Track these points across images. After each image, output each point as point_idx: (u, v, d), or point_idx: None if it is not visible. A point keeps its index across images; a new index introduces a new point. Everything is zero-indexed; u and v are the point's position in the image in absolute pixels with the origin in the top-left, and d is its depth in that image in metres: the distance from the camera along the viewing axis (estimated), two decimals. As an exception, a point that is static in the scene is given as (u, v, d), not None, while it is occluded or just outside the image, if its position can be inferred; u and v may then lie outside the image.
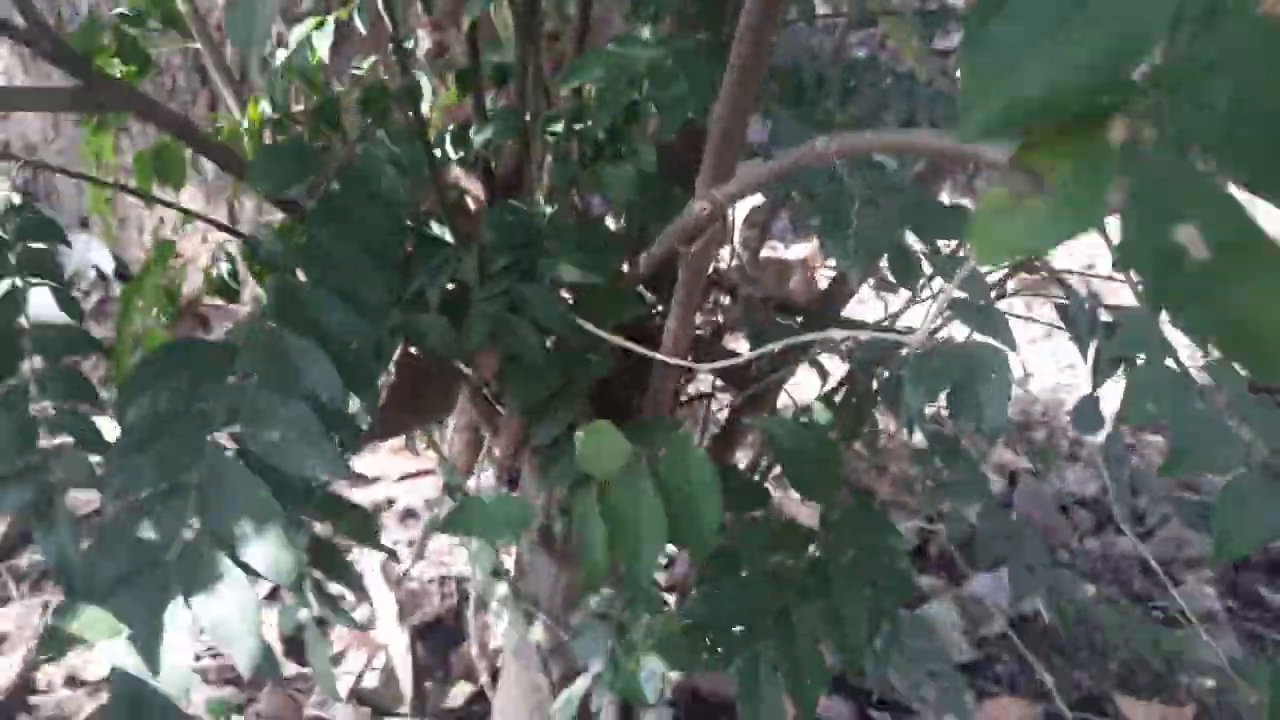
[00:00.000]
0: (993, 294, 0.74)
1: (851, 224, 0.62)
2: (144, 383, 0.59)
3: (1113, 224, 0.27)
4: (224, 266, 0.88)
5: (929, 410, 0.71)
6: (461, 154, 0.93)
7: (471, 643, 1.52)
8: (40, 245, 0.77)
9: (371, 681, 1.53)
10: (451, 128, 0.95)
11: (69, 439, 0.70)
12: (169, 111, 0.83)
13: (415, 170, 0.71)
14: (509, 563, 1.31)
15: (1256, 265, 0.25)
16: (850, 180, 0.65)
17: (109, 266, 1.26)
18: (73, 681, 1.54)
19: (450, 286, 0.82)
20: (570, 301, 0.81)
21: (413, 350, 0.92)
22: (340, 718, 1.47)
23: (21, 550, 1.77)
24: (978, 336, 0.59)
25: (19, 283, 0.75)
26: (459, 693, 1.52)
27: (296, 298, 0.63)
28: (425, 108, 0.92)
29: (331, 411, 0.59)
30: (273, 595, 1.67)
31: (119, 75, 0.89)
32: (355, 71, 0.92)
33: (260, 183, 0.69)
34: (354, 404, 0.65)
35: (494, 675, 1.51)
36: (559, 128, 0.86)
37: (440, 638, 1.64)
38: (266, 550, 0.54)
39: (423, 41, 0.96)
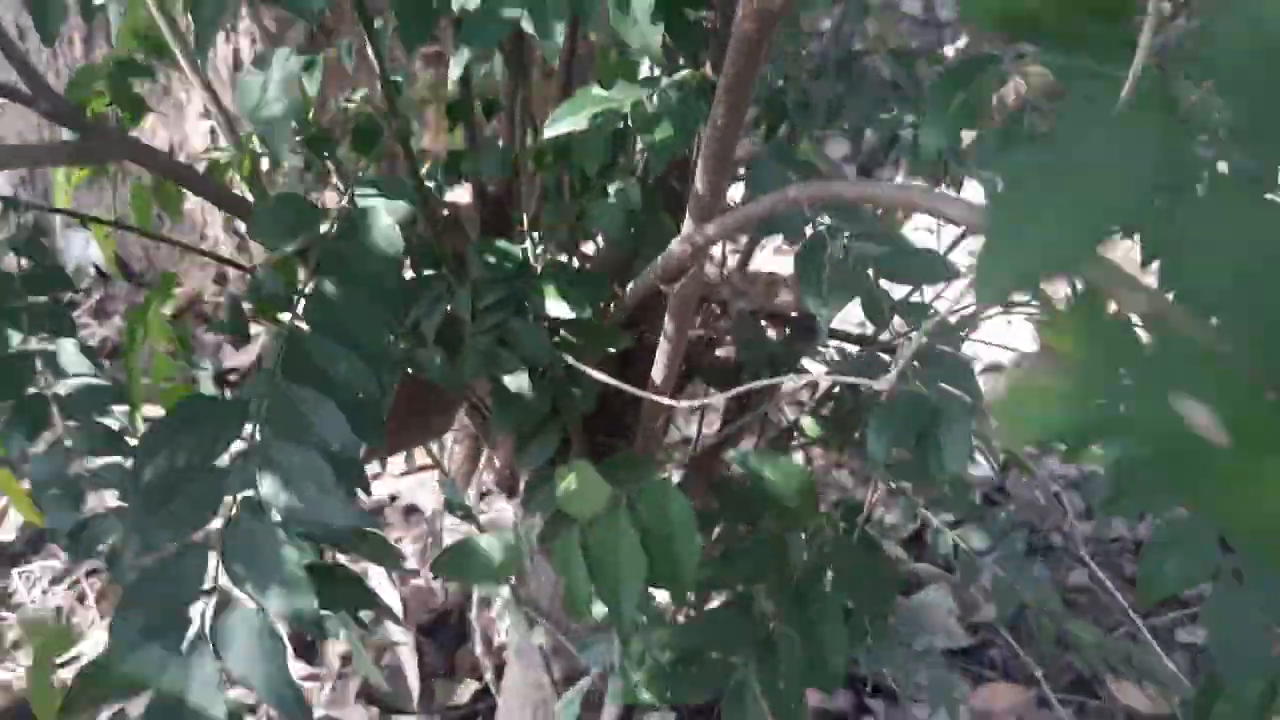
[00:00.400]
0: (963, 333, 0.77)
1: (825, 268, 0.65)
2: (161, 441, 0.63)
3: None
4: (225, 309, 0.91)
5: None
6: (454, 182, 0.96)
7: (476, 641, 1.56)
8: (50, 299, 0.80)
9: (379, 680, 1.57)
10: (445, 158, 0.98)
11: (113, 493, 0.74)
12: (168, 159, 0.86)
13: (408, 218, 0.74)
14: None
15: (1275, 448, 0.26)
16: (831, 223, 0.68)
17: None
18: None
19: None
20: (559, 334, 0.84)
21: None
22: (350, 717, 1.51)
23: (33, 556, 1.80)
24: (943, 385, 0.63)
25: (34, 341, 0.79)
26: (465, 690, 1.56)
27: (304, 351, 0.66)
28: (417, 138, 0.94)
29: (343, 460, 0.63)
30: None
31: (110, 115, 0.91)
32: (348, 104, 0.95)
33: (263, 237, 0.72)
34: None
35: (499, 672, 1.55)
36: (548, 158, 0.89)
37: (445, 634, 1.68)
38: (288, 600, 0.58)
39: (418, 75, 0.98)
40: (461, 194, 1.08)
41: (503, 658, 1.57)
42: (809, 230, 0.68)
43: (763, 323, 1.13)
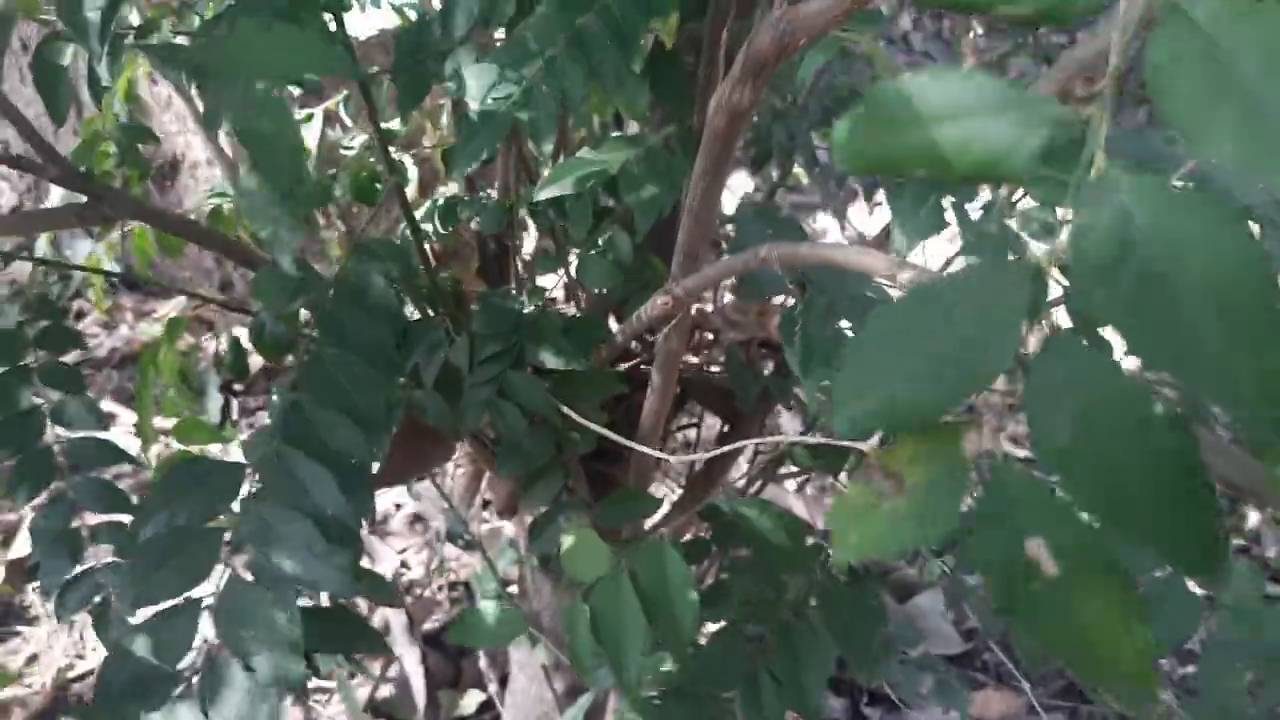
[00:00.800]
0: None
1: (797, 324, 0.68)
2: (161, 502, 0.66)
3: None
4: (225, 349, 0.94)
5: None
6: (449, 228, 0.99)
7: (480, 653, 1.60)
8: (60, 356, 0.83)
9: (386, 692, 1.61)
10: (441, 202, 1.01)
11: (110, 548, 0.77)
12: (174, 216, 0.89)
13: (404, 276, 0.76)
14: (513, 587, 1.38)
15: (1101, 585, 0.30)
16: (812, 282, 0.71)
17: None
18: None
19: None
20: (556, 380, 0.87)
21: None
22: (357, 729, 1.54)
23: (47, 570, 1.84)
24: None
25: (41, 397, 0.82)
26: (470, 700, 1.60)
27: (303, 419, 0.68)
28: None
29: (336, 526, 0.65)
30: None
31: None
32: (345, 150, 0.97)
33: (264, 298, 0.75)
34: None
35: (503, 681, 1.59)
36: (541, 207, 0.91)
37: (449, 644, 1.72)
38: (277, 664, 0.61)
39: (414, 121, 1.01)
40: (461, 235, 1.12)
41: (506, 668, 1.61)
42: (792, 288, 0.71)
43: (760, 350, 1.16)
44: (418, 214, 1.00)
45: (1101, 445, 0.29)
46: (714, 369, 1.23)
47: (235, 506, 0.65)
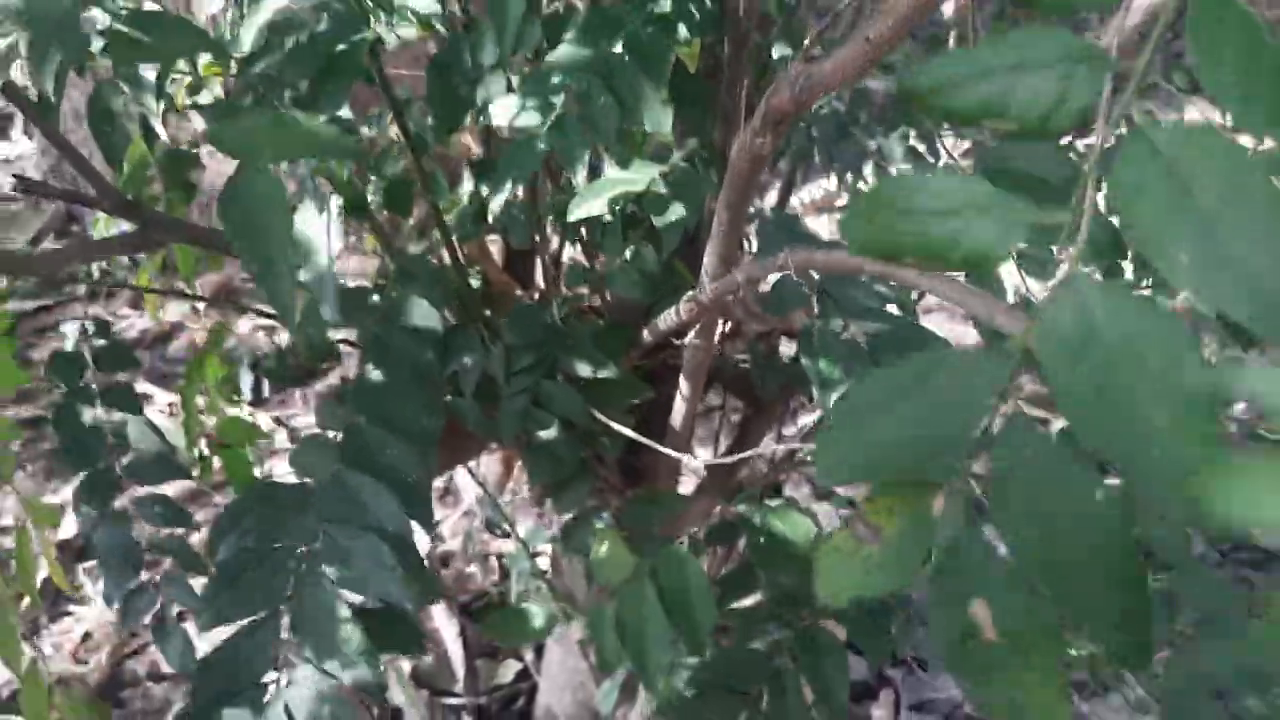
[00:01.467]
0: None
1: (815, 338, 0.72)
2: (233, 522, 0.70)
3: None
4: (273, 357, 0.99)
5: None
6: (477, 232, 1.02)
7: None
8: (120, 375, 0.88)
9: (426, 663, 1.68)
10: (470, 207, 1.04)
11: (170, 560, 0.82)
12: (219, 235, 0.93)
13: (445, 303, 0.80)
14: (545, 562, 1.43)
15: (1036, 652, 0.34)
16: (831, 295, 0.75)
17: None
18: (157, 676, 1.69)
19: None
20: (584, 385, 0.91)
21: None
22: (399, 699, 1.61)
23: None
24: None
25: (101, 414, 0.86)
26: (507, 670, 1.66)
27: (360, 440, 0.73)
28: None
29: (397, 539, 0.70)
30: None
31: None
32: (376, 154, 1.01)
33: (310, 325, 0.79)
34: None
35: (538, 651, 1.65)
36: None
37: (485, 614, 1.78)
38: (352, 672, 0.66)
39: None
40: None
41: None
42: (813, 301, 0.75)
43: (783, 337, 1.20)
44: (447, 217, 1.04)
45: (1048, 522, 0.33)
46: (737, 355, 1.27)
47: (303, 528, 0.70)
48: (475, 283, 1.15)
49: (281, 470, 2.03)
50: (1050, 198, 0.49)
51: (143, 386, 2.34)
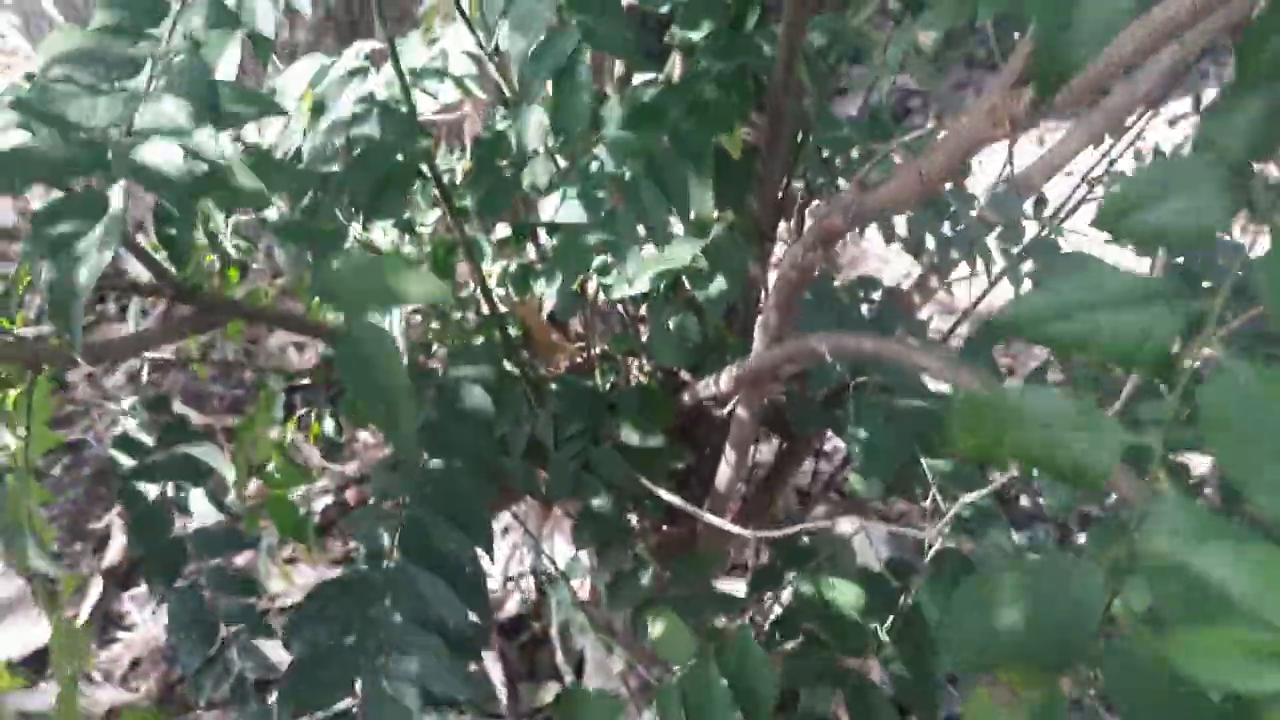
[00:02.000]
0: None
1: (851, 419, 0.75)
2: (305, 620, 0.73)
3: None
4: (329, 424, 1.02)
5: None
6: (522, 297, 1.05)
7: (556, 647, 1.69)
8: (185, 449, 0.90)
9: (469, 685, 1.71)
10: (513, 268, 1.07)
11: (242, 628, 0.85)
12: (273, 312, 0.95)
13: (501, 389, 0.83)
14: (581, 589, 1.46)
15: None
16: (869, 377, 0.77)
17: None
18: (208, 703, 1.73)
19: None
20: (630, 450, 0.93)
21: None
22: (445, 722, 1.65)
23: (141, 578, 1.94)
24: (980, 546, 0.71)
25: (169, 488, 0.89)
26: (548, 692, 1.69)
27: (419, 531, 0.76)
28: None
29: (458, 634, 0.73)
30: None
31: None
32: (422, 228, 1.03)
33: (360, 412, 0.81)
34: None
35: (578, 670, 1.68)
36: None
37: (523, 635, 1.81)
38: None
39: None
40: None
41: (580, 656, 1.70)
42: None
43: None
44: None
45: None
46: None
47: (371, 625, 0.72)
48: (515, 330, 1.17)
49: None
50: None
51: (179, 407, 2.37)
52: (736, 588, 1.04)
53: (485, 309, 0.96)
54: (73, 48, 0.56)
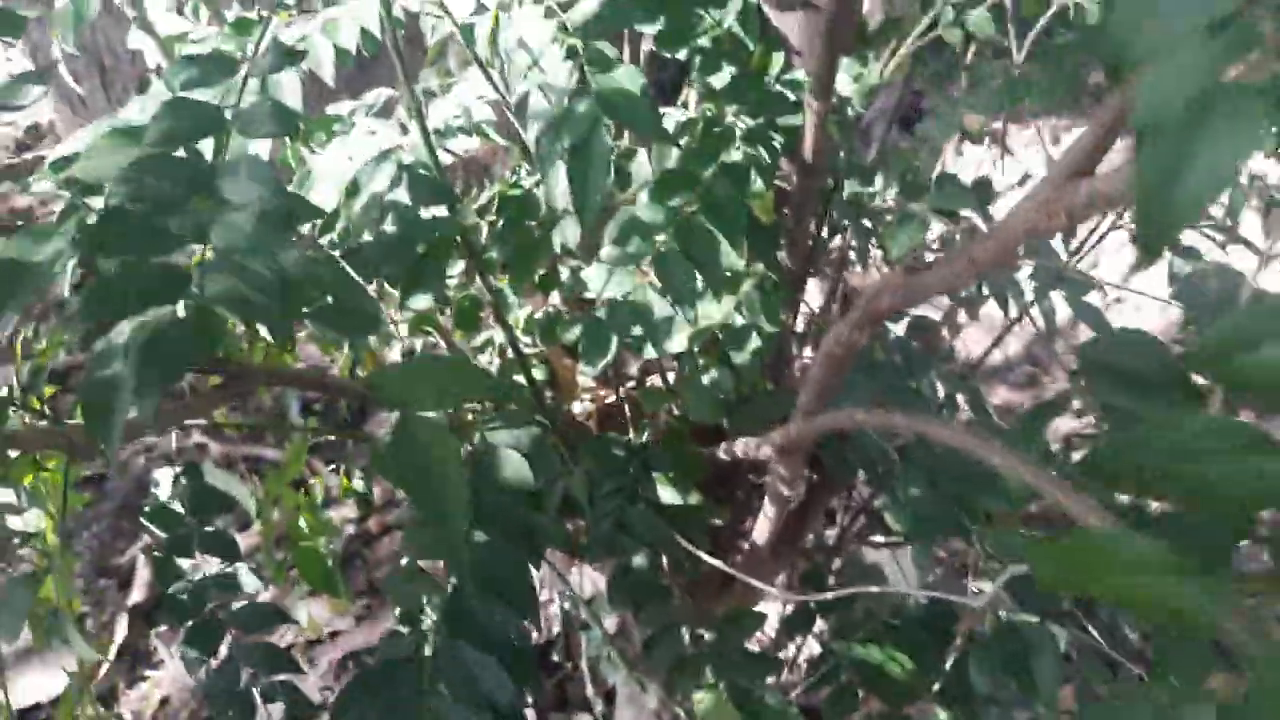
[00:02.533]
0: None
1: (903, 499, 0.74)
2: (350, 702, 0.73)
3: None
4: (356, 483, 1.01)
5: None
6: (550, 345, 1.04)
7: (586, 679, 1.68)
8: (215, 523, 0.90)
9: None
10: (540, 316, 1.06)
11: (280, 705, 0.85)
12: (303, 374, 0.95)
13: (536, 456, 0.82)
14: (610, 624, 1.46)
15: None
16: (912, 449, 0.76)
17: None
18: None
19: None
20: (664, 508, 0.93)
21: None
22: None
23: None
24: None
25: (205, 562, 0.89)
26: (580, 726, 1.69)
27: (465, 606, 0.75)
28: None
29: (509, 712, 0.73)
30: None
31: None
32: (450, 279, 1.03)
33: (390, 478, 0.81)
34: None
35: (608, 699, 1.68)
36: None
37: (549, 668, 1.81)
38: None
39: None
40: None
41: (609, 687, 1.70)
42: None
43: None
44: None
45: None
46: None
47: (419, 710, 0.72)
48: (540, 374, 1.17)
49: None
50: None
51: (197, 437, 2.37)
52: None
53: (511, 354, 0.96)
54: (128, 161, 0.55)
